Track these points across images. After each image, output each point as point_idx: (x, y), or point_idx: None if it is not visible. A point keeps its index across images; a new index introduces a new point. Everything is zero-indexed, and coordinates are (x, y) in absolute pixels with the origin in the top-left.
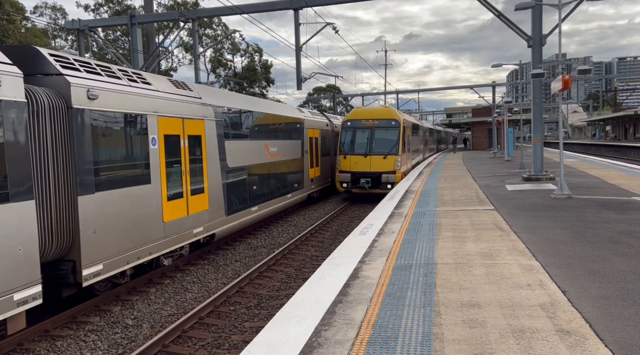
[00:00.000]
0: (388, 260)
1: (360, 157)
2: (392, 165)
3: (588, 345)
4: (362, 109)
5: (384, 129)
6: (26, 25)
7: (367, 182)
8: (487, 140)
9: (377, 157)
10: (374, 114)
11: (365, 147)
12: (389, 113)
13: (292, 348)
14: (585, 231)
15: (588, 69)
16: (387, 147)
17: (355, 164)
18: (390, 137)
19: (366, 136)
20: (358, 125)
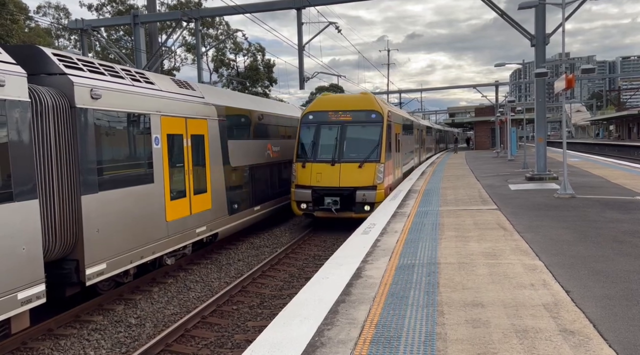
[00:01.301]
0: (391, 260)
1: (325, 166)
2: (372, 178)
3: (592, 346)
4: (330, 97)
5: (361, 124)
6: (30, 25)
7: (334, 202)
8: (490, 139)
9: (350, 166)
10: (346, 104)
11: (333, 152)
12: (367, 102)
13: (295, 347)
14: (588, 231)
15: (592, 68)
16: (365, 151)
17: (318, 176)
18: (369, 137)
19: (334, 135)
20: (323, 119)
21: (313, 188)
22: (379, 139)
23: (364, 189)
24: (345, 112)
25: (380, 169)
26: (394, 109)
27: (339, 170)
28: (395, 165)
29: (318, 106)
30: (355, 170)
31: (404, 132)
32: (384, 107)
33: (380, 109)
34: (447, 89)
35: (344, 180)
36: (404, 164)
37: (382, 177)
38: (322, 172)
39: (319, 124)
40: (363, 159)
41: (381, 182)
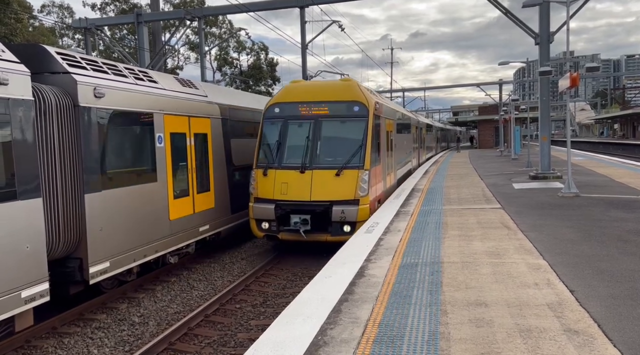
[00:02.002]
0: (394, 259)
1: (293, 174)
2: (353, 189)
3: (596, 345)
4: (302, 84)
5: (340, 119)
6: (34, 24)
7: (303, 221)
8: (494, 138)
9: (325, 174)
10: (322, 93)
11: (303, 155)
12: (348, 91)
13: (298, 346)
14: (593, 230)
15: (596, 67)
16: (345, 154)
17: (283, 187)
18: (351, 135)
19: (305, 134)
20: (291, 112)
21: (277, 202)
22: (363, 138)
23: (343, 203)
24: (320, 103)
25: (364, 177)
26: (386, 102)
27: (310, 179)
28: (386, 170)
29: (285, 96)
30: (332, 180)
31: (399, 130)
32: (371, 97)
33: (365, 100)
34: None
35: (317, 193)
36: (398, 168)
37: (366, 188)
38: (288, 181)
39: (286, 119)
40: (342, 164)
41: (365, 194)
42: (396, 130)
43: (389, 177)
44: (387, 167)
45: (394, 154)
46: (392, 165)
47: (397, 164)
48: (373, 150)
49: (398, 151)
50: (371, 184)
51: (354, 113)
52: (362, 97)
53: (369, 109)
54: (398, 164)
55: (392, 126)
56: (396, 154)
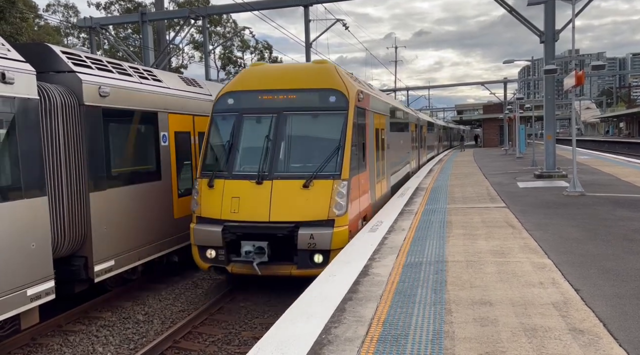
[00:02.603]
0: (398, 258)
1: (247, 186)
2: (325, 205)
3: (602, 345)
4: (263, 69)
5: (310, 113)
6: (39, 24)
7: (257, 249)
8: (499, 137)
9: (289, 185)
10: (288, 79)
11: (261, 160)
12: (321, 76)
13: (301, 345)
14: (598, 229)
15: (602, 65)
16: (316, 159)
17: (234, 203)
18: (324, 134)
19: (264, 132)
20: (248, 104)
21: (226, 224)
22: (340, 137)
23: (313, 225)
24: (286, 92)
25: (342, 189)
26: (376, 93)
27: (269, 192)
28: (374, 178)
29: (242, 83)
30: (298, 193)
31: (393, 128)
32: (352, 85)
33: (345, 88)
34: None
35: (278, 211)
36: (393, 173)
37: (344, 205)
38: (241, 195)
39: (240, 112)
40: (312, 172)
41: (343, 212)
42: (389, 127)
43: (379, 185)
44: (377, 174)
45: (386, 156)
46: (383, 171)
47: (390, 168)
48: (355, 153)
49: (392, 153)
50: (352, 198)
51: (329, 105)
52: (340, 84)
53: (349, 99)
54: (392, 168)
55: (384, 123)
56: (390, 156)
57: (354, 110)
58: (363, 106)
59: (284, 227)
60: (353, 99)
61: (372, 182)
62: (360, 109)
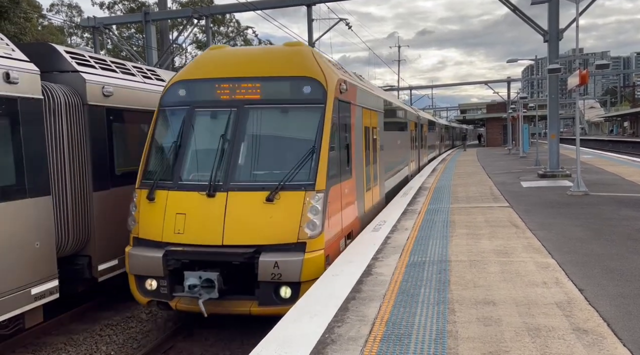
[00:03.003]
0: (401, 257)
1: (195, 199)
2: (294, 224)
3: (606, 345)
4: (223, 53)
5: (278, 107)
6: (43, 23)
7: (205, 283)
8: (502, 136)
9: (248, 199)
10: (252, 65)
11: (214, 166)
12: (293, 62)
13: (305, 344)
14: (602, 229)
15: (606, 64)
16: (283, 164)
17: (178, 221)
18: (296, 133)
19: (219, 131)
20: (201, 96)
21: (169, 248)
22: (316, 137)
23: (278, 250)
24: (249, 81)
25: (317, 203)
26: (365, 85)
27: (223, 208)
28: (363, 186)
29: (196, 70)
30: (260, 209)
31: (388, 126)
32: (333, 73)
33: (322, 77)
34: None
35: (234, 232)
36: (388, 177)
37: (319, 223)
38: (188, 211)
39: (191, 106)
40: (278, 182)
41: (318, 232)
42: (384, 126)
43: (370, 194)
44: (367, 180)
45: (379, 159)
46: (375, 176)
47: (385, 173)
48: (336, 157)
49: (387, 155)
50: (331, 213)
51: (302, 96)
52: (317, 71)
53: (327, 90)
54: (387, 172)
55: (377, 120)
56: (384, 159)
57: (335, 104)
58: (347, 99)
59: (240, 253)
60: (333, 89)
61: (360, 190)
62: (343, 102)
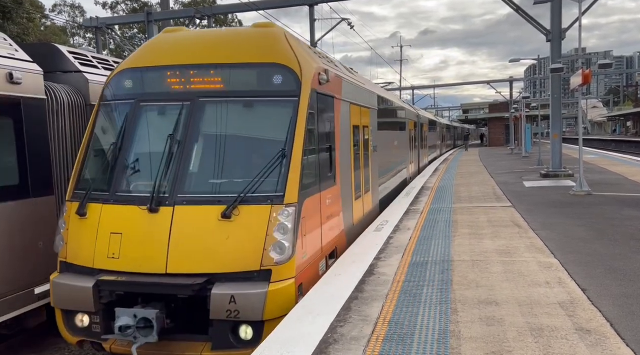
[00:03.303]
0: (404, 257)
1: (133, 214)
2: (256, 246)
3: (608, 345)
4: (178, 37)
5: (241, 100)
6: (45, 23)
7: (143, 322)
8: (504, 136)
9: (199, 214)
10: (211, 50)
11: (159, 173)
12: (260, 46)
13: (307, 344)
14: (605, 228)
15: (608, 63)
16: (245, 171)
17: (113, 242)
18: (261, 133)
19: (167, 130)
20: (150, 87)
21: (101, 277)
22: (286, 137)
23: (236, 279)
24: (207, 69)
25: (286, 220)
26: (353, 77)
27: (168, 226)
28: (349, 194)
29: (145, 56)
30: (214, 227)
31: (383, 126)
32: (309, 60)
33: (296, 63)
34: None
35: (181, 257)
36: (384, 182)
37: (288, 245)
38: (125, 230)
39: (137, 100)
40: (238, 193)
41: (287, 256)
42: (378, 125)
43: (359, 202)
44: (356, 187)
45: (372, 162)
46: (367, 181)
47: (378, 177)
48: (314, 161)
49: (382, 157)
50: (306, 230)
51: (271, 88)
52: (289, 57)
53: (301, 80)
54: (381, 176)
55: (370, 118)
56: (377, 161)
57: (312, 97)
58: (329, 92)
59: (187, 285)
60: (309, 79)
61: (347, 199)
62: (324, 96)
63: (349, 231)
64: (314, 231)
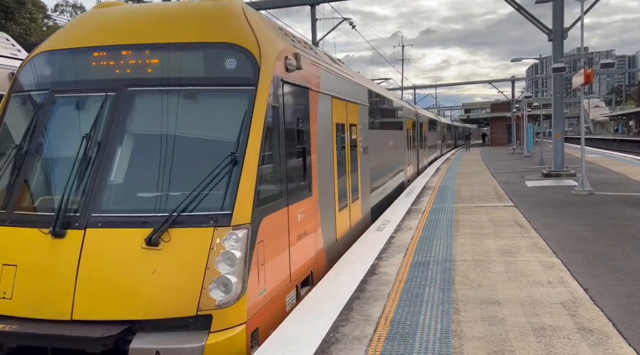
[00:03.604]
0: (406, 257)
1: (33, 240)
2: (193, 284)
3: (611, 344)
4: (108, 13)
5: (182, 90)
6: (47, 24)
7: None
8: (506, 135)
9: (117, 240)
10: (146, 29)
11: (67, 185)
12: (210, 24)
13: (309, 343)
14: (607, 228)
15: (611, 63)
16: (182, 182)
17: (4, 279)
18: (206, 132)
19: (85, 128)
20: (68, 74)
21: None
22: (238, 138)
23: (163, 328)
24: (139, 49)
25: (234, 248)
26: (341, 69)
27: (76, 255)
28: (331, 206)
29: (66, 38)
30: (136, 258)
31: (376, 125)
32: (271, 39)
33: (254, 43)
34: (462, 85)
35: (92, 299)
36: (376, 188)
37: (237, 280)
38: (21, 261)
39: (52, 91)
40: (171, 211)
41: (235, 296)
42: (368, 123)
43: (345, 213)
44: (341, 195)
45: (361, 166)
46: (355, 188)
47: (369, 182)
48: (278, 167)
49: (373, 160)
50: (267, 257)
51: (222, 74)
52: (247, 36)
53: (260, 64)
54: (373, 181)
55: (357, 116)
56: (368, 165)
57: (275, 86)
58: (302, 82)
59: (98, 337)
60: (272, 64)
61: (328, 211)
62: (294, 86)
63: (330, 249)
64: (277, 257)
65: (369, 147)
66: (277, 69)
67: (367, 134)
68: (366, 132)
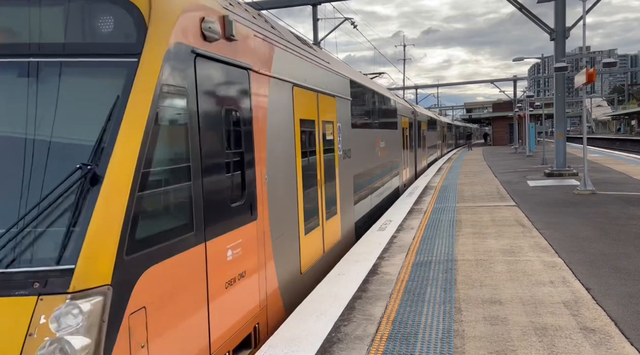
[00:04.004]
0: (407, 257)
1: None
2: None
3: (613, 344)
4: None
5: (24, 60)
6: None
7: None
8: (508, 135)
9: None
10: None
11: None
12: None
13: (311, 342)
14: (609, 228)
15: (613, 62)
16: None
17: None
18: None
19: None
20: None
21: None
22: (99, 140)
23: None
24: None
25: (75, 340)
26: (292, 43)
27: None
28: (294, 230)
29: None
30: None
31: (363, 124)
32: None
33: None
34: (464, 84)
35: None
36: (362, 198)
37: None
38: None
39: None
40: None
41: None
42: (355, 121)
43: (315, 235)
44: (308, 213)
45: (340, 172)
46: (332, 201)
47: (353, 192)
48: (184, 183)
49: (358, 165)
50: (153, 334)
51: (88, 39)
52: None
53: (149, 23)
54: (359, 190)
55: (334, 112)
56: (351, 171)
57: (176, 58)
58: (235, 59)
59: None
60: (170, 24)
61: (286, 237)
62: (221, 64)
63: (290, 286)
64: (181, 325)
65: (352, 149)
66: (181, 33)
67: (349, 133)
68: (348, 131)
